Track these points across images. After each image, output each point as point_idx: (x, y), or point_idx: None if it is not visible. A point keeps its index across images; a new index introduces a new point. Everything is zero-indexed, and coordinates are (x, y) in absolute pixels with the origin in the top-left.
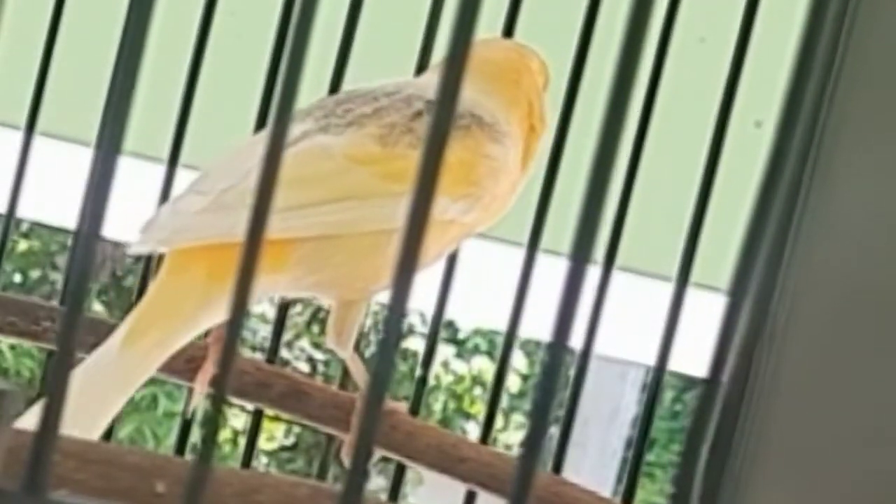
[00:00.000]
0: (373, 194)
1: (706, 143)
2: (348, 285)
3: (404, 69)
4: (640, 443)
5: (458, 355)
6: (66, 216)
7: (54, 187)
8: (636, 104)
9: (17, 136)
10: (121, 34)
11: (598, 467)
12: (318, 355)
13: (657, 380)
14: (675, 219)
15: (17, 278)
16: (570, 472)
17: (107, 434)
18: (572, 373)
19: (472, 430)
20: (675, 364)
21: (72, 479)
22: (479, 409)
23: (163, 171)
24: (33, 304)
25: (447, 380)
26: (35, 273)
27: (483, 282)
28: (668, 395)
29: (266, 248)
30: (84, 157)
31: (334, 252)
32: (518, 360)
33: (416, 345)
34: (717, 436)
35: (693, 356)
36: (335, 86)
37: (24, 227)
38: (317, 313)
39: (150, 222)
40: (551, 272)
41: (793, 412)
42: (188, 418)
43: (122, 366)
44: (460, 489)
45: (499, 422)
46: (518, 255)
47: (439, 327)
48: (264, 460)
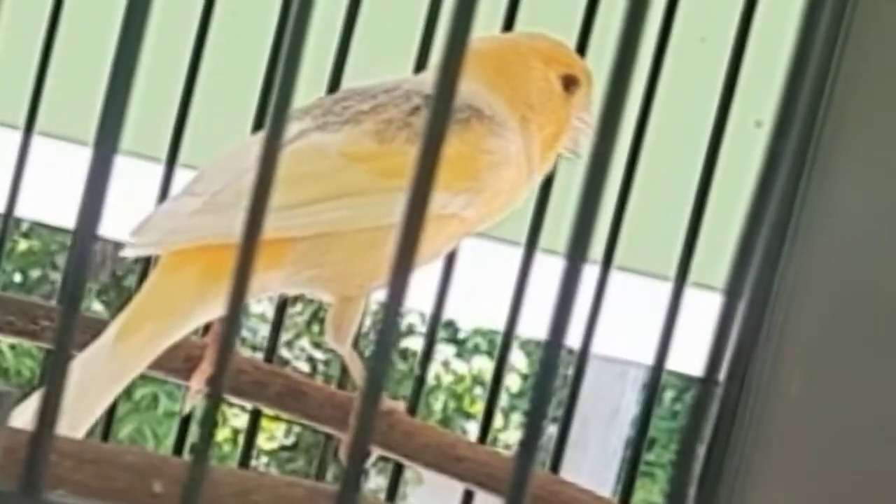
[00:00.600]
0: (369, 191)
1: (705, 142)
2: (346, 282)
3: (402, 67)
4: (639, 443)
5: (458, 355)
6: (66, 216)
7: (54, 187)
8: (635, 103)
9: (17, 136)
10: (119, 33)
11: (598, 467)
12: (319, 355)
13: (656, 379)
14: (673, 218)
15: (17, 278)
16: (570, 472)
17: (106, 434)
18: (571, 372)
19: (473, 429)
20: (675, 363)
21: (69, 479)
22: (480, 408)
23: (161, 170)
24: (33, 304)
25: (447, 379)
26: (35, 273)
27: (483, 281)
28: (667, 395)
29: (263, 246)
30: (83, 157)
31: (331, 249)
32: (518, 359)
33: (415, 344)
34: (714, 435)
35: (692, 355)
36: (334, 85)
37: (24, 227)
38: (317, 313)
39: (144, 224)
40: (550, 271)
41: (790, 411)
42: (187, 418)
43: (115, 361)
44: (458, 488)
45: (498, 421)
46: (517, 254)
47: (438, 327)
48: (264, 460)
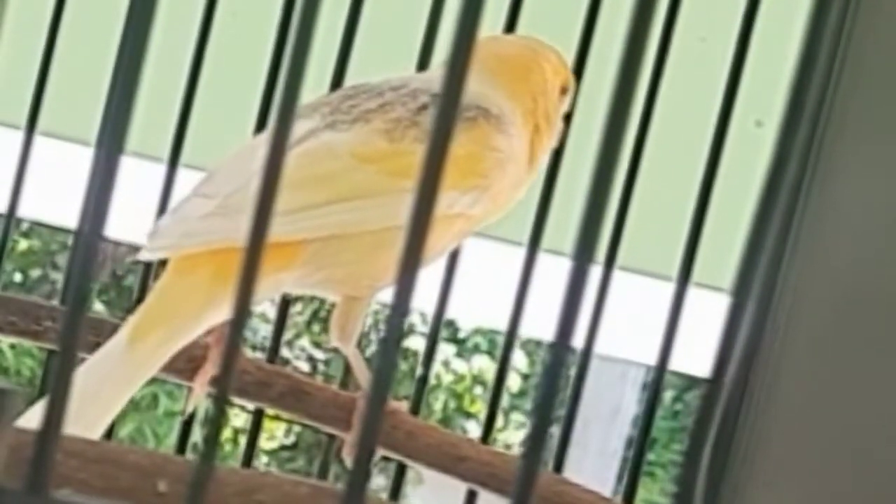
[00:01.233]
0: (380, 192)
1: (707, 142)
2: (356, 282)
3: (406, 65)
4: (641, 442)
5: (459, 355)
6: (67, 216)
7: (54, 187)
8: (637, 104)
9: (17, 136)
10: (122, 34)
11: (598, 467)
12: (319, 355)
13: (658, 379)
14: (675, 218)
15: (18, 278)
16: (571, 472)
17: (107, 433)
18: (573, 372)
19: (473, 429)
20: (676, 364)
21: (74, 478)
22: (480, 408)
23: (164, 170)
24: (34, 304)
25: (448, 379)
26: (35, 272)
27: (484, 281)
28: (668, 395)
29: (275, 248)
30: (84, 157)
31: (342, 250)
32: (519, 359)
33: (416, 344)
34: (719, 435)
35: (694, 356)
36: (337, 83)
37: (24, 227)
38: (317, 313)
39: (157, 228)
40: (552, 272)
41: (794, 411)
42: (188, 418)
43: (128, 363)
44: (461, 488)
45: (499, 421)
46: (519, 254)
47: (440, 326)
48: (265, 460)
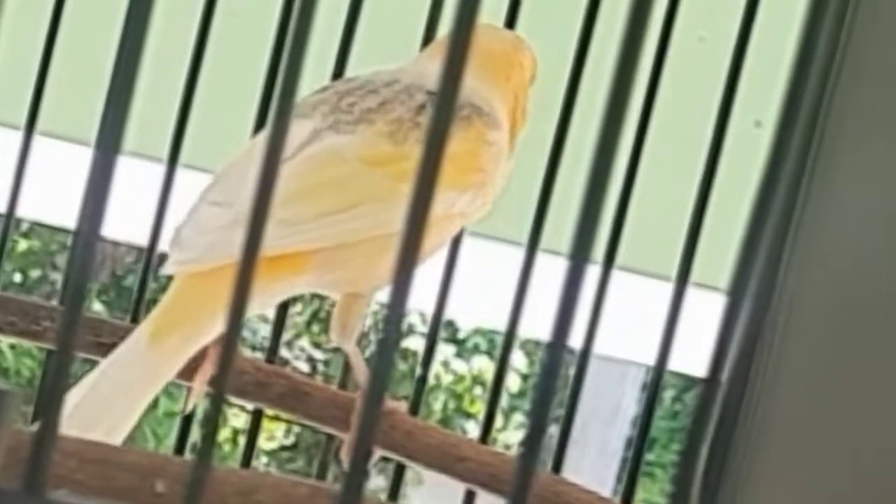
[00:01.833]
0: (388, 197)
1: (706, 142)
2: (362, 283)
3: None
4: (640, 442)
5: (458, 355)
6: (66, 216)
7: (54, 187)
8: (636, 103)
9: (17, 136)
10: (120, 34)
11: (598, 467)
12: (318, 355)
13: (657, 379)
14: (674, 218)
15: (17, 278)
16: (571, 472)
17: None
18: (572, 372)
19: (473, 429)
20: (675, 364)
21: (71, 478)
22: (479, 408)
23: (163, 170)
24: (33, 304)
25: (447, 379)
26: (35, 273)
27: (483, 281)
28: (668, 395)
29: (288, 257)
30: (84, 157)
31: (351, 255)
32: (518, 359)
33: (415, 344)
34: (716, 435)
35: (693, 356)
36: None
37: (24, 227)
38: (317, 313)
39: (178, 240)
40: (551, 271)
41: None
42: (188, 418)
43: (150, 364)
44: (460, 489)
45: (499, 421)
46: (518, 254)
47: (439, 327)
48: (264, 460)
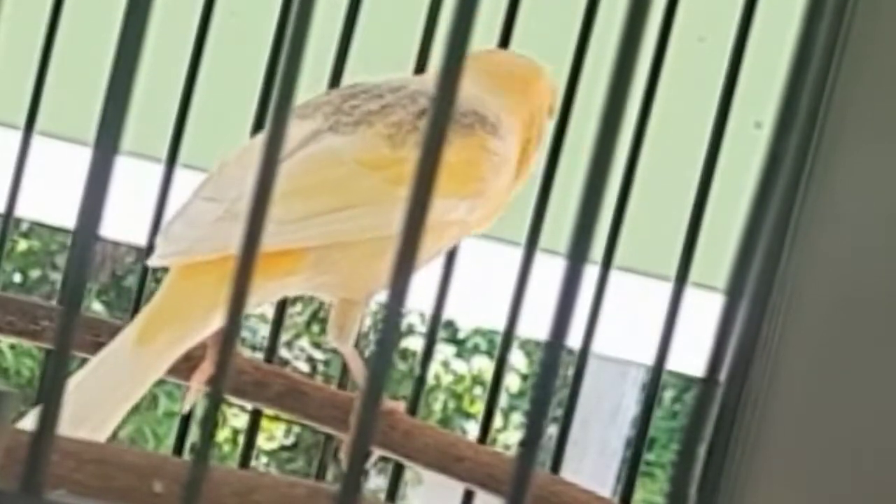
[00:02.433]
0: (383, 200)
1: (705, 143)
2: (355, 285)
3: (405, 66)
4: (639, 442)
5: (458, 355)
6: (66, 216)
7: (54, 187)
8: (635, 103)
9: (17, 136)
10: (119, 34)
11: (597, 467)
12: (318, 355)
13: (656, 379)
14: (673, 218)
15: (17, 278)
16: (570, 472)
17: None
18: (571, 372)
19: (472, 429)
20: (675, 363)
21: (69, 478)
22: (479, 408)
23: (161, 170)
24: (33, 304)
25: (447, 379)
26: (35, 273)
27: (482, 281)
28: (667, 395)
29: (282, 254)
30: (84, 157)
31: (345, 255)
32: (517, 359)
33: (415, 344)
34: (714, 435)
35: (692, 355)
36: (334, 83)
37: (24, 227)
38: (316, 313)
39: (167, 233)
40: (550, 271)
41: (790, 411)
42: (186, 418)
43: (137, 364)
44: (458, 489)
45: (498, 421)
46: (517, 254)
47: (438, 327)
48: (264, 460)
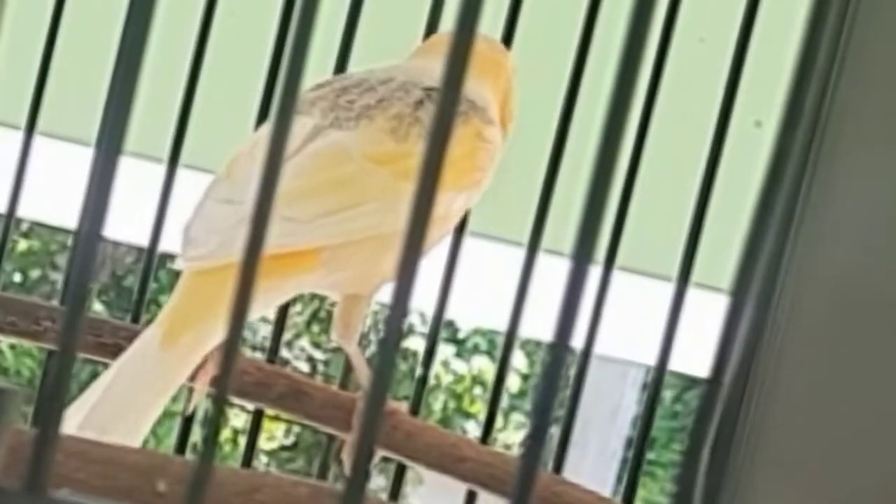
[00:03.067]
0: (392, 195)
1: (706, 143)
2: (364, 282)
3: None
4: (641, 443)
5: (458, 355)
6: (66, 216)
7: (54, 187)
8: (637, 104)
9: (17, 136)
10: (121, 34)
11: (598, 467)
12: (319, 355)
13: (657, 380)
14: (675, 219)
15: (17, 278)
16: (571, 472)
17: None
18: (573, 373)
19: (473, 429)
20: (676, 364)
21: (73, 478)
22: (480, 408)
23: (163, 170)
24: (33, 304)
25: (447, 379)
26: (35, 273)
27: (483, 281)
28: (668, 395)
29: (297, 255)
30: (84, 157)
31: (356, 251)
32: (518, 359)
33: (416, 344)
34: (718, 435)
35: (693, 356)
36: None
37: (24, 227)
38: (317, 313)
39: (189, 237)
40: (552, 272)
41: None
42: (188, 418)
43: (164, 367)
44: (460, 489)
45: (499, 421)
46: (518, 254)
47: (439, 327)
48: (265, 460)
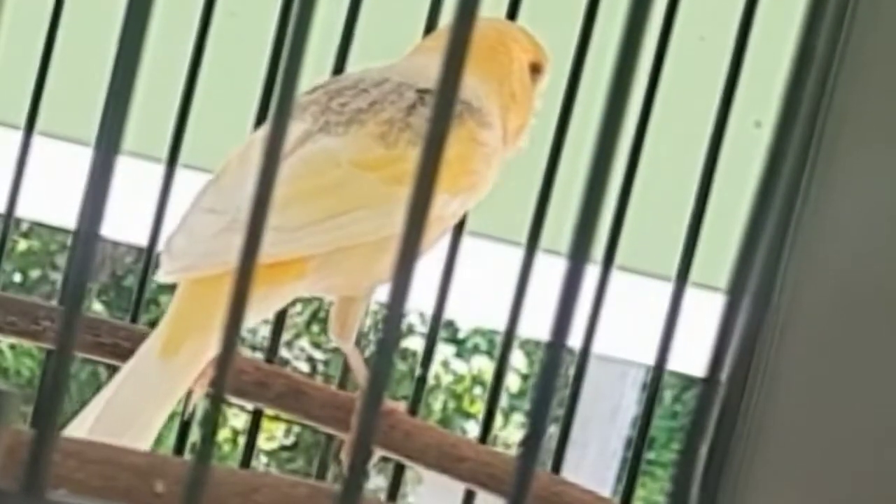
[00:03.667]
0: (381, 201)
1: (705, 142)
2: (359, 287)
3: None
4: (640, 443)
5: (458, 355)
6: (66, 216)
7: (54, 187)
8: (635, 102)
9: (17, 136)
10: (120, 34)
11: (598, 467)
12: (318, 355)
13: (656, 379)
14: (674, 218)
15: (17, 278)
16: (570, 472)
17: None
18: (572, 372)
19: (472, 429)
20: (675, 364)
21: (71, 478)
22: (479, 408)
23: (162, 170)
24: (33, 304)
25: (447, 379)
26: (35, 273)
27: (483, 281)
28: (667, 395)
29: (286, 264)
30: (84, 157)
31: (347, 257)
32: (518, 359)
33: (415, 344)
34: (716, 435)
35: (693, 356)
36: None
37: (24, 227)
38: (316, 313)
39: (171, 248)
40: (550, 271)
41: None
42: (187, 418)
43: (165, 377)
44: (459, 489)
45: (498, 421)
46: (517, 254)
47: (439, 327)
48: (264, 460)
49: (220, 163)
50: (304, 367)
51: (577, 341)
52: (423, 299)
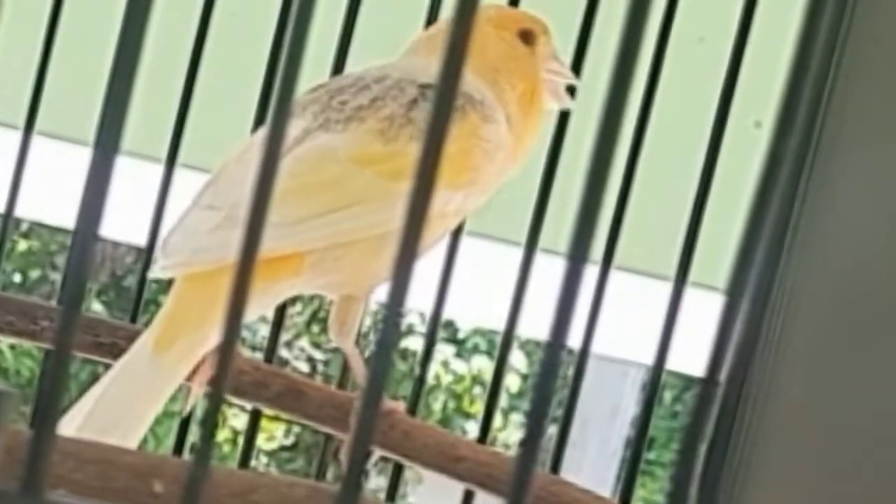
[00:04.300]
0: (379, 197)
1: (705, 142)
2: (355, 284)
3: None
4: (639, 443)
5: (458, 355)
6: (66, 216)
7: (54, 187)
8: (635, 103)
9: (17, 136)
10: (119, 33)
11: (597, 467)
12: (318, 355)
13: (655, 379)
14: (673, 218)
15: (17, 278)
16: (570, 472)
17: None
18: (571, 372)
19: (472, 429)
20: (675, 363)
21: (69, 479)
22: (479, 408)
23: (161, 170)
24: (32, 304)
25: (447, 379)
26: (35, 273)
27: (482, 281)
28: (667, 395)
29: (283, 260)
30: (84, 157)
31: (345, 255)
32: (517, 359)
33: (415, 344)
34: (715, 435)
35: (692, 355)
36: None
37: (24, 227)
38: (316, 313)
39: (166, 245)
40: (550, 271)
41: (791, 411)
42: (186, 418)
43: (156, 373)
44: (458, 488)
45: (498, 421)
46: (517, 254)
47: (438, 327)
48: (264, 460)
49: (219, 163)
50: (303, 367)
51: (576, 341)
52: (422, 299)
